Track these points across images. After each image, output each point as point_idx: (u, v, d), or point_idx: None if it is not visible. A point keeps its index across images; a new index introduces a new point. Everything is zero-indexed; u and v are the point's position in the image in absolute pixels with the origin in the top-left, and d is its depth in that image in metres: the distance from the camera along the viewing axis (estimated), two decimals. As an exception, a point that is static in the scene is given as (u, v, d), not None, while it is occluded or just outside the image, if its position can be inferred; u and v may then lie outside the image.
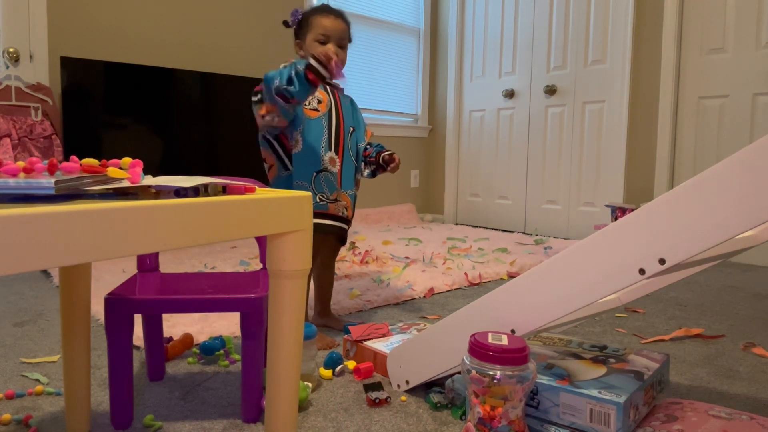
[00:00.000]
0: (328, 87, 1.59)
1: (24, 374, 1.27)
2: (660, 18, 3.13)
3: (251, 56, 3.48)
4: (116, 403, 1.02)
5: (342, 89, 1.65)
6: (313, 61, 1.32)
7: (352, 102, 1.67)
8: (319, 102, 1.54)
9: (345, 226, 1.57)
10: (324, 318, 1.68)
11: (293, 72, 1.31)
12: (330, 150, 1.53)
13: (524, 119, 3.87)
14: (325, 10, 1.55)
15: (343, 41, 1.54)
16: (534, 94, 3.80)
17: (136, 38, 3.07)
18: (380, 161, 1.58)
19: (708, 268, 0.83)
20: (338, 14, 1.56)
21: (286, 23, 1.59)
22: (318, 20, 1.52)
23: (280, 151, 1.52)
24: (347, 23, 1.57)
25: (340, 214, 1.55)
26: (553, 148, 3.71)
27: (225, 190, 0.78)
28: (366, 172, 1.64)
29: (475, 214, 4.25)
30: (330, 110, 1.55)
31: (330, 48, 1.45)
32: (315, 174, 1.50)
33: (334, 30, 1.52)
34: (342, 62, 1.49)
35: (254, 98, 1.44)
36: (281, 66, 1.40)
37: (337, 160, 1.54)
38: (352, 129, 1.60)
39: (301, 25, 1.56)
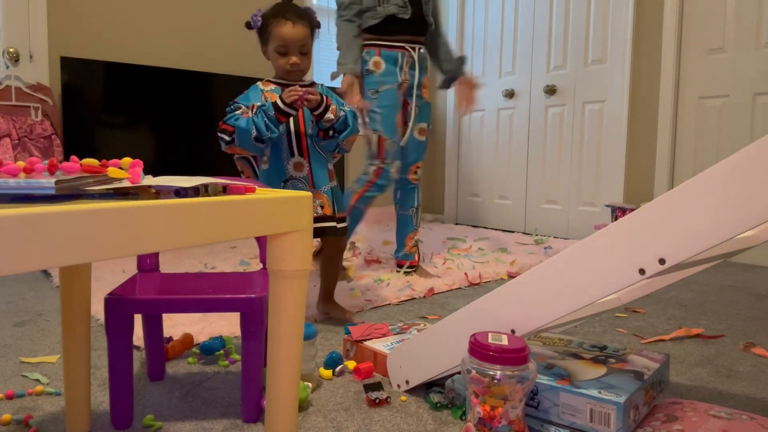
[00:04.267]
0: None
1: (24, 374, 1.27)
2: (660, 18, 3.13)
3: (251, 56, 3.47)
4: (116, 403, 1.02)
5: (309, 84, 1.60)
6: (280, 103, 1.42)
7: (328, 90, 1.62)
8: None
9: (324, 224, 1.58)
10: (327, 305, 1.73)
11: (266, 119, 1.43)
12: (293, 155, 1.56)
13: (524, 119, 3.87)
14: (282, 14, 1.49)
15: (304, 47, 1.52)
16: (534, 94, 3.80)
17: (136, 38, 3.07)
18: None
19: (708, 268, 0.83)
20: (297, 18, 1.49)
21: (248, 25, 1.56)
22: (275, 29, 1.49)
23: (254, 163, 1.61)
24: (310, 25, 1.53)
25: (315, 214, 1.56)
26: (553, 148, 3.71)
27: (225, 190, 0.78)
28: (312, 133, 1.57)
29: (475, 214, 4.25)
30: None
31: (296, 90, 1.42)
32: (282, 184, 1.55)
33: (293, 39, 1.49)
34: (304, 70, 1.53)
35: (226, 137, 1.47)
36: (237, 111, 1.47)
37: (305, 162, 1.56)
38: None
39: (262, 30, 1.54)
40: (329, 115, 1.50)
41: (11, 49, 2.69)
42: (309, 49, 1.54)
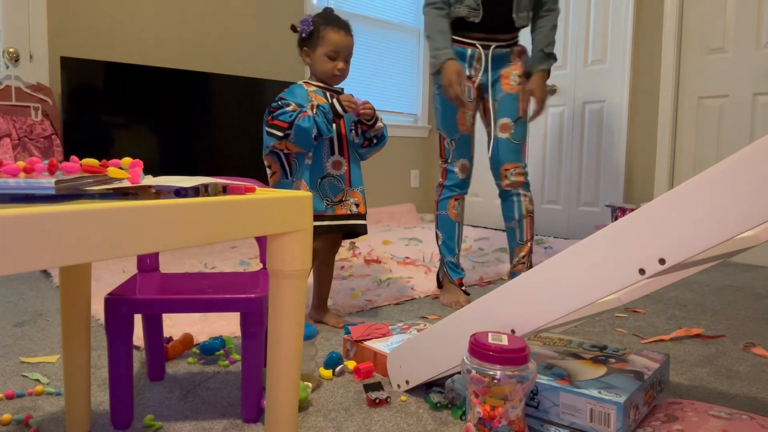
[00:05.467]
0: (328, 93, 1.63)
1: (24, 374, 1.27)
2: (660, 18, 3.13)
3: (251, 56, 3.48)
4: (116, 403, 1.02)
5: (341, 90, 1.68)
6: (337, 106, 1.53)
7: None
8: None
9: (357, 221, 1.63)
10: (320, 313, 1.70)
11: (325, 119, 1.51)
12: (334, 154, 1.60)
13: (524, 119, 3.87)
14: (335, 23, 1.60)
15: (349, 56, 1.63)
16: (534, 94, 3.79)
17: (136, 38, 3.07)
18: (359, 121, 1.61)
19: (708, 268, 0.83)
20: (348, 29, 1.62)
21: (294, 28, 1.63)
22: (329, 35, 1.58)
23: (284, 160, 1.60)
24: (353, 37, 1.64)
25: (350, 211, 1.61)
26: (553, 148, 3.71)
27: (225, 190, 0.78)
28: (359, 142, 1.66)
29: (475, 214, 4.25)
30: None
31: (352, 100, 1.55)
32: (319, 180, 1.59)
33: (344, 47, 1.59)
34: (345, 76, 1.64)
35: (279, 133, 1.50)
36: (288, 108, 1.50)
37: (344, 161, 1.62)
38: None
39: (311, 35, 1.61)
40: (379, 124, 1.61)
41: (11, 49, 2.69)
42: (350, 59, 1.64)
